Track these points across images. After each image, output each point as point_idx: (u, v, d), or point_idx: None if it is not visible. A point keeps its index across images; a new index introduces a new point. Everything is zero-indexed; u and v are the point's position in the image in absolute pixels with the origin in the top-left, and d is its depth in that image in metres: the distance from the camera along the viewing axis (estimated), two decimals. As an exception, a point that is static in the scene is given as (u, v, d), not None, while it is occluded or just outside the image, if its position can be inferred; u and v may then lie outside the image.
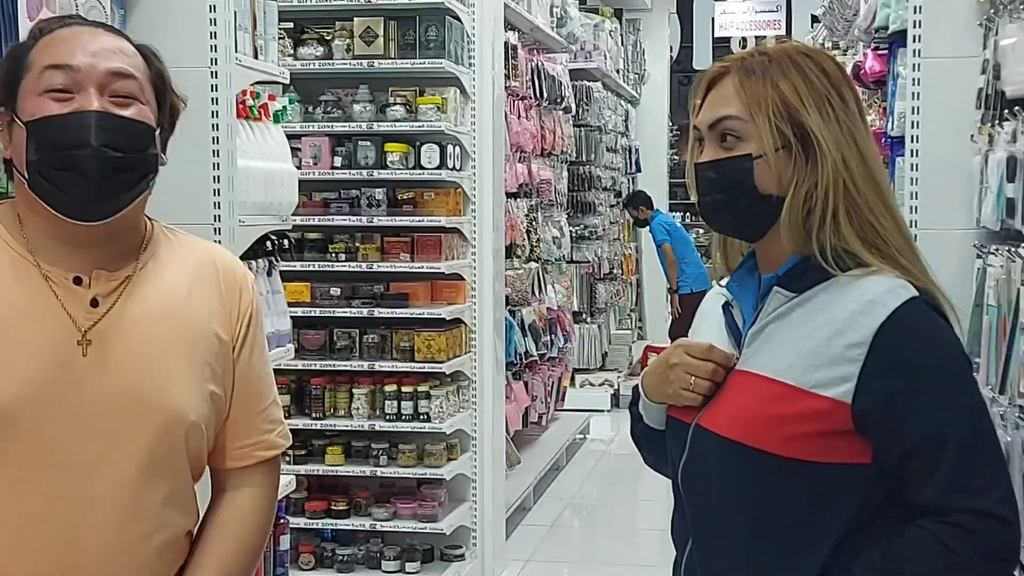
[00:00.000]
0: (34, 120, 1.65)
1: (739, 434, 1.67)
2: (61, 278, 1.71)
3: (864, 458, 1.62)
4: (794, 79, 1.69)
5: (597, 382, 10.09)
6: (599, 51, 10.03)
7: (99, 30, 1.74)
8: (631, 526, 7.19)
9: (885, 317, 1.60)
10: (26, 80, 1.69)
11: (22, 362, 1.65)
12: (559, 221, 8.37)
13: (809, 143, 1.67)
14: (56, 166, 1.64)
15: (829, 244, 1.67)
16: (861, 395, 1.60)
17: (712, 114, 1.72)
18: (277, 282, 3.54)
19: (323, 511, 5.26)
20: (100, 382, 1.69)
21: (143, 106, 1.71)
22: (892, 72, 3.73)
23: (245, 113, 3.36)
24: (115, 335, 1.71)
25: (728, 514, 1.71)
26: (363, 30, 5.22)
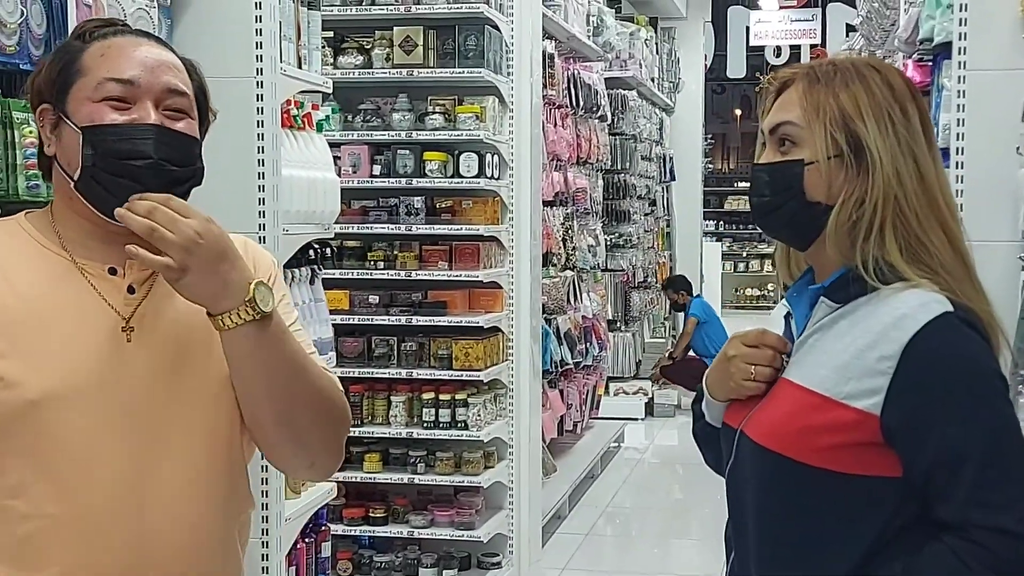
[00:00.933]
0: (92, 126, 1.69)
1: (773, 443, 1.69)
2: (97, 269, 1.74)
3: (895, 471, 1.63)
4: (856, 90, 1.70)
5: (631, 390, 10.07)
6: (634, 60, 10.02)
7: (151, 42, 1.78)
8: (666, 534, 7.17)
9: (915, 331, 1.60)
10: (79, 85, 1.72)
11: (70, 353, 1.68)
12: (594, 229, 8.37)
13: (863, 154, 1.68)
14: (112, 173, 1.68)
15: (872, 257, 1.68)
16: (889, 408, 1.60)
17: (774, 119, 1.75)
18: (319, 290, 3.57)
19: (361, 518, 5.28)
20: (148, 365, 1.72)
21: (192, 121, 1.77)
22: (936, 84, 3.71)
23: (289, 122, 3.39)
24: (154, 319, 1.75)
25: (760, 522, 1.73)
26: (402, 39, 5.25)
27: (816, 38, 16.43)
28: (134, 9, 2.89)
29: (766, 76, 1.87)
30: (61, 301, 1.71)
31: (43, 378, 1.66)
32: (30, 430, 1.66)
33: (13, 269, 1.72)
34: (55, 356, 1.67)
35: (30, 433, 1.66)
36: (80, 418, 1.67)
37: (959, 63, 3.25)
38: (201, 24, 3.14)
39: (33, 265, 1.73)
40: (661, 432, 9.76)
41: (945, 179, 1.77)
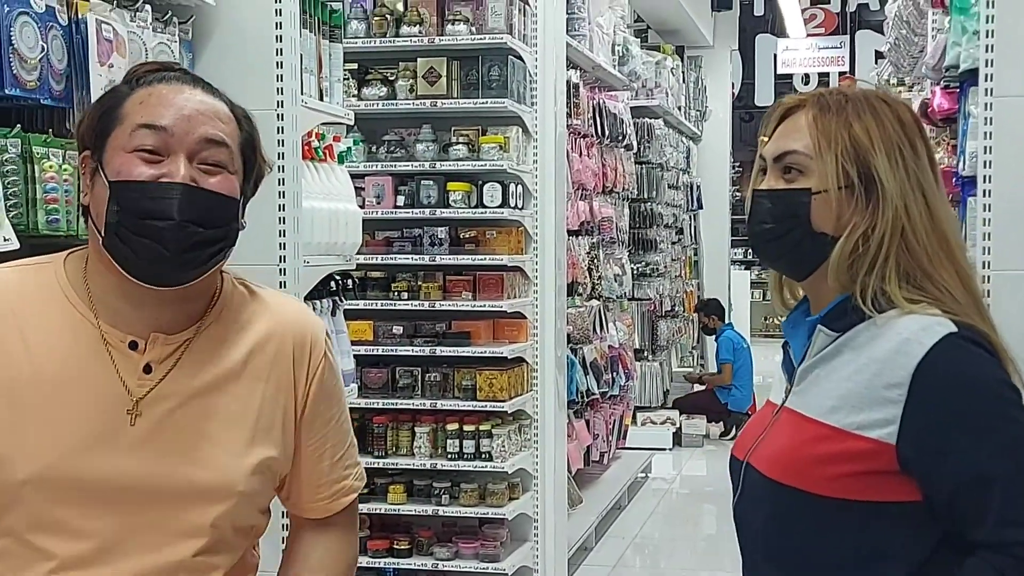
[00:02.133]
0: (120, 182, 1.62)
1: (780, 474, 1.67)
2: (117, 341, 1.67)
3: (915, 495, 1.60)
4: (868, 122, 1.69)
5: (659, 420, 10.01)
6: (660, 88, 10.01)
7: (197, 89, 1.69)
8: (694, 566, 7.09)
9: (922, 356, 1.58)
10: (116, 133, 1.65)
11: (71, 424, 1.63)
12: (620, 258, 8.34)
13: (873, 187, 1.67)
14: (135, 232, 1.61)
15: (872, 287, 1.66)
16: (904, 437, 1.58)
17: (780, 146, 1.73)
18: (341, 322, 3.56)
19: (385, 550, 5.26)
20: (147, 452, 1.65)
21: (231, 175, 1.67)
22: (963, 111, 3.67)
23: (310, 154, 3.39)
24: (164, 406, 1.67)
25: (774, 556, 1.70)
26: (426, 70, 5.25)
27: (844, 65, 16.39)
28: (155, 44, 2.89)
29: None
30: (72, 371, 1.65)
31: (36, 458, 1.61)
32: (16, 512, 1.61)
33: (33, 329, 1.66)
34: (51, 434, 1.62)
35: (15, 515, 1.62)
36: (68, 501, 1.62)
37: (986, 90, 3.22)
38: (222, 57, 3.14)
39: (53, 323, 1.67)
40: (689, 462, 9.69)
41: (953, 216, 1.77)
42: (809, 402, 1.68)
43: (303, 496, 1.85)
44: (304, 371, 1.78)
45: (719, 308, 10.81)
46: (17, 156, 2.39)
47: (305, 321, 1.84)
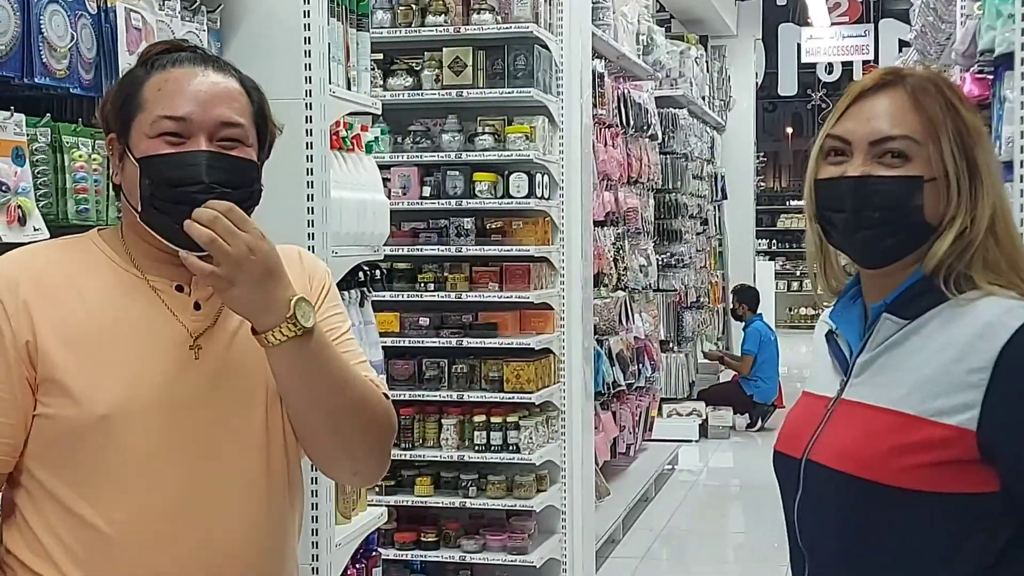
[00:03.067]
0: (148, 157, 1.74)
1: (853, 467, 1.61)
2: (165, 286, 1.80)
3: (992, 486, 1.55)
4: (965, 110, 1.65)
5: (685, 411, 9.98)
6: (685, 78, 9.97)
7: (209, 69, 1.80)
8: (722, 558, 7.06)
9: (1007, 339, 1.53)
10: (139, 120, 1.77)
11: (139, 367, 1.74)
12: (646, 249, 8.30)
13: (976, 174, 1.62)
14: (171, 200, 1.73)
15: (955, 272, 1.62)
16: (986, 423, 1.53)
17: (879, 129, 1.64)
18: (369, 313, 3.54)
19: (412, 542, 5.24)
20: (212, 381, 1.77)
21: (248, 148, 1.80)
22: (998, 96, 3.62)
23: (338, 144, 3.37)
24: (221, 337, 1.80)
25: (849, 553, 1.64)
26: (452, 60, 5.23)
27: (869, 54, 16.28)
28: (184, 33, 2.88)
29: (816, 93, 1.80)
30: (132, 316, 1.77)
31: (113, 393, 1.71)
32: (99, 442, 1.71)
33: (85, 284, 1.77)
34: (125, 371, 1.73)
35: (99, 445, 1.71)
36: (146, 431, 1.72)
37: (1021, 74, 3.17)
38: (250, 47, 3.12)
39: (105, 280, 1.79)
40: (716, 454, 9.66)
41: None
42: (877, 392, 1.62)
43: None
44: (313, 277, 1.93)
45: (754, 298, 10.69)
46: (47, 145, 2.39)
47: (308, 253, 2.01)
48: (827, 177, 1.68)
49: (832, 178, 1.68)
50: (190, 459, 1.75)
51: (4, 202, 2.24)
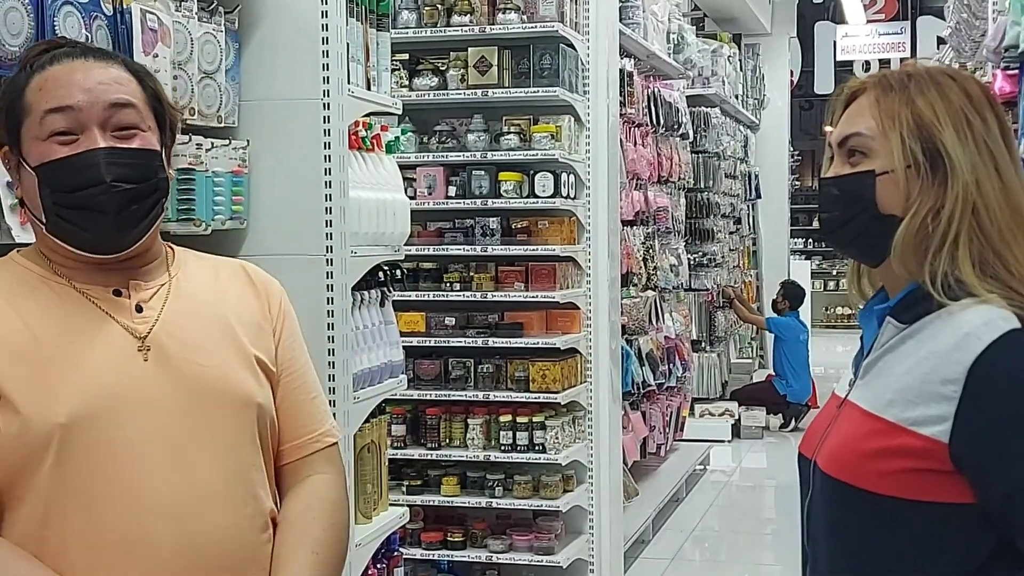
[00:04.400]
0: (43, 164, 1.69)
1: (837, 470, 1.61)
2: (100, 292, 1.76)
3: (969, 498, 1.53)
4: (931, 97, 1.62)
5: (718, 412, 9.92)
6: (717, 77, 9.92)
7: (90, 60, 1.75)
8: (755, 560, 7.01)
9: (979, 352, 1.50)
10: (27, 125, 1.71)
11: (87, 376, 1.69)
12: (676, 249, 8.27)
13: (939, 164, 1.60)
14: (72, 206, 1.69)
15: (942, 271, 1.59)
16: (957, 436, 1.51)
17: (843, 131, 1.67)
18: (390, 312, 3.53)
19: (439, 542, 5.23)
20: (166, 383, 1.73)
21: (146, 133, 1.74)
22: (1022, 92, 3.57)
23: (358, 144, 3.37)
24: (169, 337, 1.76)
25: (835, 555, 1.64)
26: (477, 60, 5.22)
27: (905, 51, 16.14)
28: (201, 33, 2.89)
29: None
30: (74, 327, 1.72)
31: (67, 404, 1.66)
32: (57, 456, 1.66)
33: (21, 300, 1.73)
34: (76, 381, 1.68)
35: (57, 459, 1.66)
36: (105, 439, 1.68)
37: (1047, 70, 3.13)
38: (269, 47, 3.13)
39: (39, 296, 1.74)
40: (748, 454, 9.59)
41: None
42: (869, 395, 1.62)
43: (282, 431, 1.90)
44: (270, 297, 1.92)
45: (798, 296, 10.49)
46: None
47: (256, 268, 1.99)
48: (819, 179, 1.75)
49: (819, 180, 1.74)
50: (155, 464, 1.70)
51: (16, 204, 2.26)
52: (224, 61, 2.99)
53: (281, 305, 1.93)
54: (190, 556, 1.70)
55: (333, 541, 1.87)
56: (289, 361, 1.91)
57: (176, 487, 1.71)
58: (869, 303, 1.75)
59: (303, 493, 1.90)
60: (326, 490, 1.91)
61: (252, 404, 1.81)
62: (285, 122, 3.12)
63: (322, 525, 1.86)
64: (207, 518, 1.72)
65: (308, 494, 1.90)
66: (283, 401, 1.90)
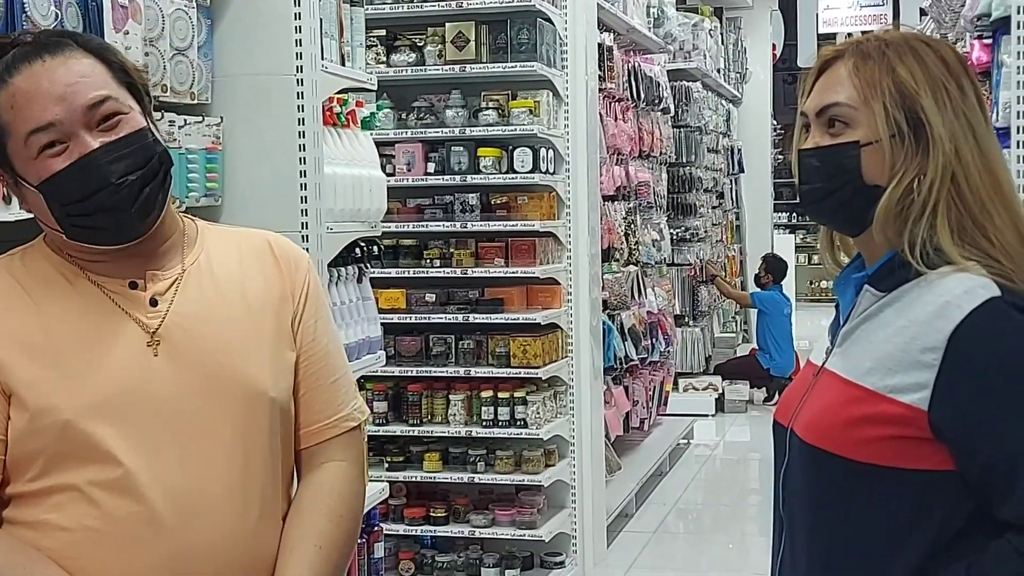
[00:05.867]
0: (45, 181, 1.67)
1: (815, 438, 1.62)
2: (117, 285, 1.75)
3: (948, 465, 1.54)
4: (911, 65, 1.62)
5: (701, 386, 9.95)
6: (698, 51, 9.90)
7: (47, 60, 1.68)
8: (738, 532, 7.05)
9: (959, 320, 1.51)
10: (12, 147, 1.68)
11: (99, 370, 1.69)
12: (659, 224, 8.27)
13: (922, 132, 1.60)
14: (87, 213, 1.68)
15: (920, 239, 1.59)
16: (936, 404, 1.51)
17: (821, 99, 1.66)
18: (367, 288, 3.54)
19: (422, 518, 5.26)
20: (176, 377, 1.72)
21: (128, 115, 1.71)
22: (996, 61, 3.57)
23: (332, 120, 3.36)
24: (180, 331, 1.74)
25: (810, 523, 1.65)
26: (455, 35, 5.21)
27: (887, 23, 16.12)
28: (172, 10, 2.88)
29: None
30: (88, 321, 1.72)
31: (75, 398, 1.67)
32: (67, 449, 1.66)
33: (38, 295, 1.73)
34: (86, 375, 1.69)
35: (67, 452, 1.66)
36: (113, 434, 1.67)
37: (1018, 38, 3.13)
38: (241, 22, 3.11)
39: (57, 291, 1.74)
40: (732, 428, 9.63)
41: (1003, 159, 1.67)
42: (847, 363, 1.62)
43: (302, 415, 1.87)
44: (295, 274, 1.88)
45: (780, 270, 10.46)
46: (31, 124, 2.39)
47: (285, 241, 1.94)
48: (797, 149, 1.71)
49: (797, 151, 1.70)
50: (161, 461, 1.69)
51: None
52: (196, 37, 2.97)
53: (306, 283, 1.88)
54: (193, 555, 1.69)
55: (340, 534, 1.83)
56: (310, 342, 1.87)
57: (183, 484, 1.69)
58: (845, 271, 1.75)
59: (314, 482, 1.86)
60: (338, 480, 1.87)
61: (265, 398, 1.78)
62: (259, 98, 3.11)
63: (329, 517, 1.83)
64: (212, 517, 1.71)
65: (319, 483, 1.86)
66: (302, 383, 1.86)
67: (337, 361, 1.92)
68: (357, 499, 1.90)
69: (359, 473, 1.92)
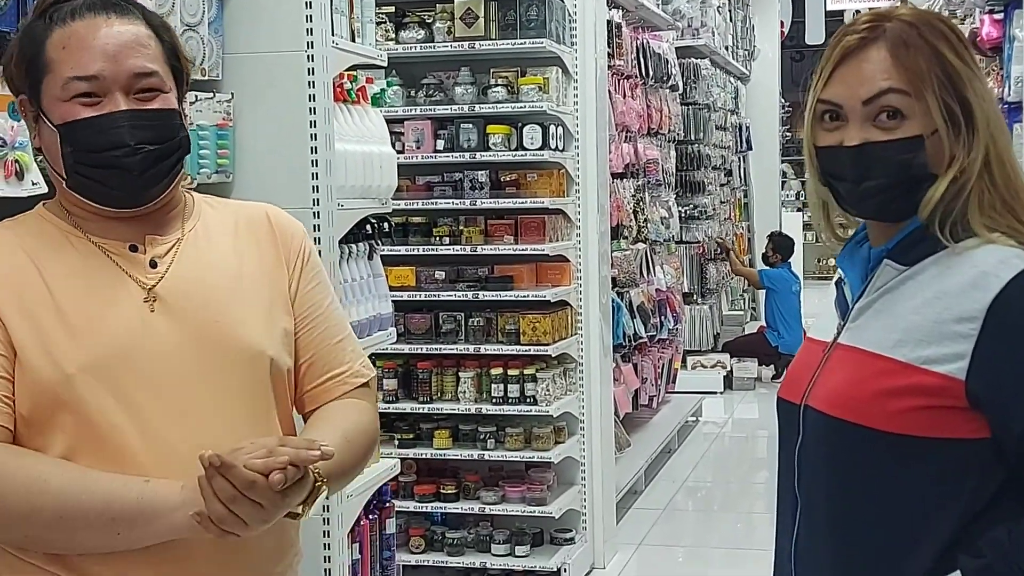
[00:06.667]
0: (67, 124, 1.71)
1: (842, 411, 1.60)
2: (117, 247, 1.79)
3: (983, 432, 1.54)
4: (948, 51, 1.60)
5: (710, 364, 9.96)
6: (707, 28, 9.86)
7: (112, 17, 1.73)
8: (747, 509, 7.08)
9: (999, 290, 1.51)
10: (48, 83, 1.73)
11: (95, 326, 1.72)
12: (667, 201, 8.26)
13: (971, 118, 1.59)
14: (96, 166, 1.72)
15: (952, 217, 1.59)
16: (975, 373, 1.51)
17: (870, 88, 1.60)
18: (378, 265, 3.54)
19: (432, 494, 5.27)
20: (173, 334, 1.75)
21: (166, 94, 1.76)
22: (1008, 36, 3.56)
23: (343, 96, 3.36)
24: (177, 290, 1.78)
25: (839, 499, 1.63)
26: (464, 11, 5.19)
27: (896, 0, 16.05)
28: (183, -14, 2.87)
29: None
30: (89, 282, 1.76)
31: (77, 353, 1.70)
32: (70, 403, 1.69)
33: (42, 257, 1.76)
34: (86, 332, 1.72)
35: (70, 406, 1.69)
36: (114, 389, 1.70)
37: (1031, 13, 3.12)
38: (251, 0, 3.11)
39: (60, 251, 1.78)
40: (741, 405, 9.65)
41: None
42: (870, 336, 1.61)
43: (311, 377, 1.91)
44: (289, 246, 1.92)
45: (788, 248, 10.45)
46: (43, 101, 2.39)
47: (281, 212, 1.98)
48: (826, 145, 1.65)
49: (831, 147, 1.65)
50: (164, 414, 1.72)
51: (1, 157, 2.25)
52: (207, 13, 2.97)
53: (302, 250, 1.92)
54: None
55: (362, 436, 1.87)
56: (309, 307, 1.91)
57: (185, 436, 1.71)
58: (848, 246, 1.74)
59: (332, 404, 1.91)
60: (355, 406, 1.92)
61: (264, 357, 1.81)
62: (269, 75, 3.11)
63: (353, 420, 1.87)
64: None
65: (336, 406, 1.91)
66: (307, 347, 1.90)
67: (340, 323, 1.97)
68: (374, 427, 1.93)
69: (374, 415, 1.96)
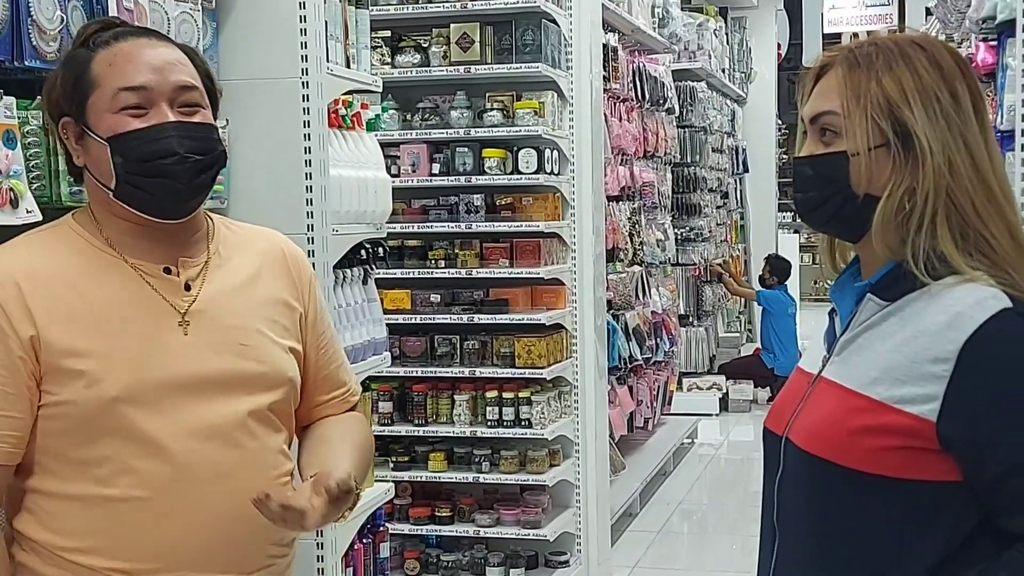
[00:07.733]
0: (117, 135, 1.81)
1: (817, 448, 1.60)
2: (152, 269, 1.88)
3: (955, 475, 1.53)
4: (900, 72, 1.60)
5: (705, 386, 9.96)
6: (703, 51, 9.90)
7: (153, 40, 1.89)
8: (742, 532, 7.05)
9: (972, 331, 1.50)
10: (95, 98, 1.83)
11: (132, 348, 1.81)
12: (663, 224, 8.28)
13: (911, 142, 1.58)
14: (145, 175, 1.81)
15: (923, 250, 1.57)
16: (946, 415, 1.50)
17: (813, 108, 1.66)
18: (372, 290, 3.55)
19: (427, 517, 5.27)
20: (207, 359, 1.86)
21: (205, 110, 1.90)
22: (1001, 64, 3.58)
23: (338, 122, 3.37)
24: (208, 313, 1.89)
25: (811, 534, 1.63)
26: (459, 36, 5.21)
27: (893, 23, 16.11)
28: (178, 13, 2.88)
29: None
30: (127, 302, 1.85)
31: (119, 375, 1.79)
32: (113, 423, 1.79)
33: (76, 273, 1.84)
34: (127, 354, 1.81)
35: (113, 426, 1.79)
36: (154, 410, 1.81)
37: (1022, 41, 3.13)
38: (246, 26, 3.13)
39: (94, 269, 1.86)
40: (736, 427, 9.64)
41: (1001, 165, 1.65)
42: (850, 372, 1.61)
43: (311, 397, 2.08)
44: (302, 279, 2.07)
45: (784, 270, 10.46)
46: (39, 128, 2.39)
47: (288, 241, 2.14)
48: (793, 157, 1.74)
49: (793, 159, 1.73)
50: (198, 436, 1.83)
51: (4, 181, 2.26)
52: (201, 40, 2.98)
53: (311, 283, 2.07)
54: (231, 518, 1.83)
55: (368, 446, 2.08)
56: (319, 335, 2.07)
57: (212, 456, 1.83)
58: (840, 278, 1.74)
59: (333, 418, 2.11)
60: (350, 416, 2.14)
61: (285, 378, 1.95)
62: (264, 101, 3.12)
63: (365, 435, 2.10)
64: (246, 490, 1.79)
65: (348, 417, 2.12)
66: (315, 371, 2.07)
67: (337, 349, 2.16)
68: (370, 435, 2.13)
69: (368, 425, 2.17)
